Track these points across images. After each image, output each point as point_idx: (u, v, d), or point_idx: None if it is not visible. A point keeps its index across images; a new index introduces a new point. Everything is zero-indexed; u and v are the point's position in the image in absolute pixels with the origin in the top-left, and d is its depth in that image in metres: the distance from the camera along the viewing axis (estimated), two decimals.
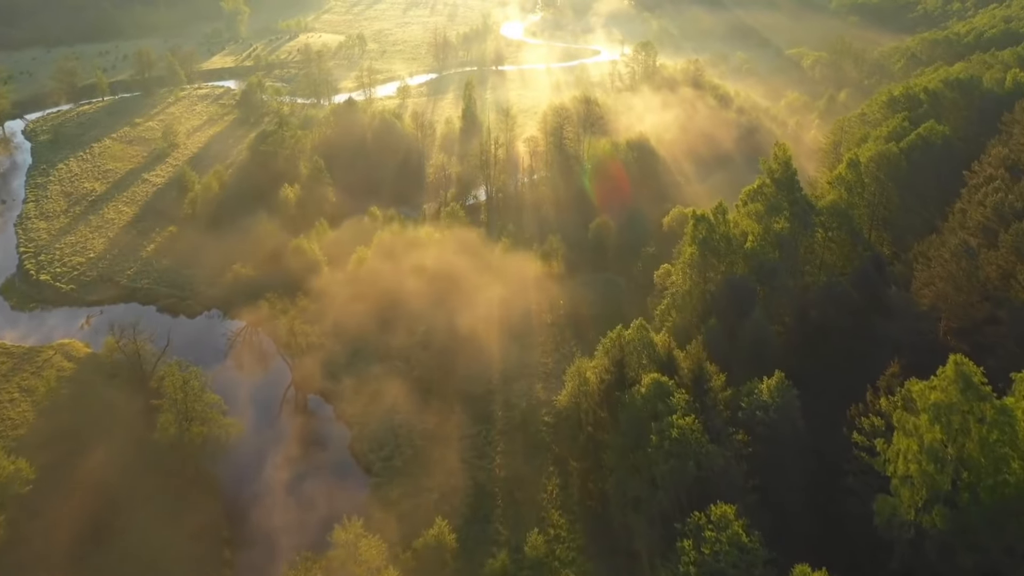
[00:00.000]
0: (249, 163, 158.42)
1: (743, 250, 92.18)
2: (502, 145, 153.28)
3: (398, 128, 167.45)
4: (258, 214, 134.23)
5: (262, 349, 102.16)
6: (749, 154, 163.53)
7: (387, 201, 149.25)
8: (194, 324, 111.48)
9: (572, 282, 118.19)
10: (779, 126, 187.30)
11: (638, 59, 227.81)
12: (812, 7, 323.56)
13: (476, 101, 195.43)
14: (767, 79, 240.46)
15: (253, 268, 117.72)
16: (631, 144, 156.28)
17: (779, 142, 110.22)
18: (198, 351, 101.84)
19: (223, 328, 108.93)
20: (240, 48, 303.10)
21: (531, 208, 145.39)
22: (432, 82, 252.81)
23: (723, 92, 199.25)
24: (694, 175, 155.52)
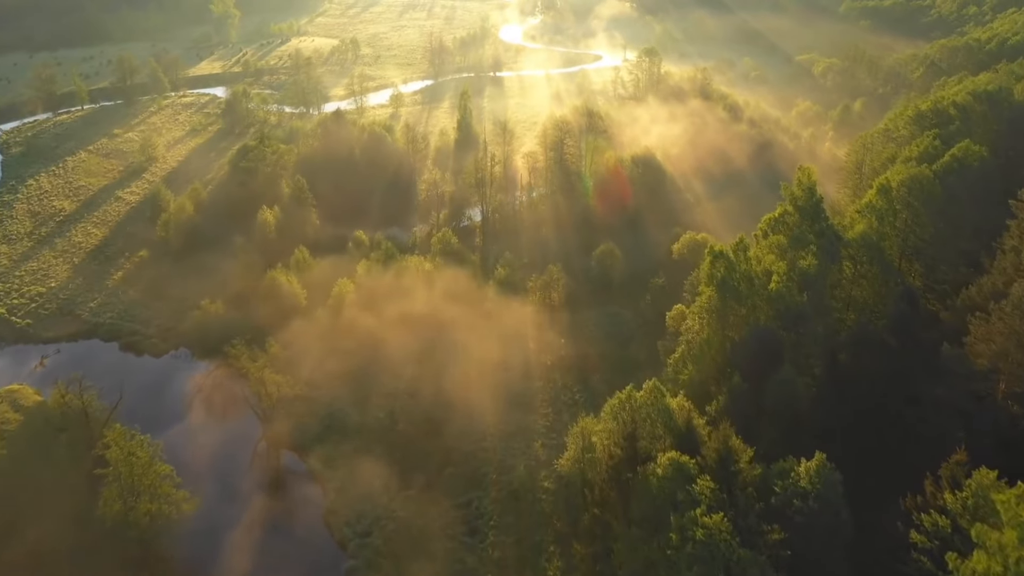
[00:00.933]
0: (228, 181, 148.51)
1: (766, 292, 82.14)
2: (499, 162, 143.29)
3: (388, 143, 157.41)
4: (236, 239, 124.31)
5: (231, 398, 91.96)
6: (763, 171, 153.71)
7: (375, 222, 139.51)
8: (158, 365, 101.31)
9: (574, 317, 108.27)
10: (791, 138, 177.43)
11: (642, 66, 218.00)
12: (821, 11, 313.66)
13: (472, 111, 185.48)
14: (776, 87, 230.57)
15: (226, 302, 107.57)
16: (636, 160, 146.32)
17: (803, 166, 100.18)
18: (159, 399, 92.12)
19: (189, 371, 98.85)
20: (229, 53, 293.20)
21: (530, 229, 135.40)
22: (427, 89, 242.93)
23: (732, 102, 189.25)
24: (704, 194, 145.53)
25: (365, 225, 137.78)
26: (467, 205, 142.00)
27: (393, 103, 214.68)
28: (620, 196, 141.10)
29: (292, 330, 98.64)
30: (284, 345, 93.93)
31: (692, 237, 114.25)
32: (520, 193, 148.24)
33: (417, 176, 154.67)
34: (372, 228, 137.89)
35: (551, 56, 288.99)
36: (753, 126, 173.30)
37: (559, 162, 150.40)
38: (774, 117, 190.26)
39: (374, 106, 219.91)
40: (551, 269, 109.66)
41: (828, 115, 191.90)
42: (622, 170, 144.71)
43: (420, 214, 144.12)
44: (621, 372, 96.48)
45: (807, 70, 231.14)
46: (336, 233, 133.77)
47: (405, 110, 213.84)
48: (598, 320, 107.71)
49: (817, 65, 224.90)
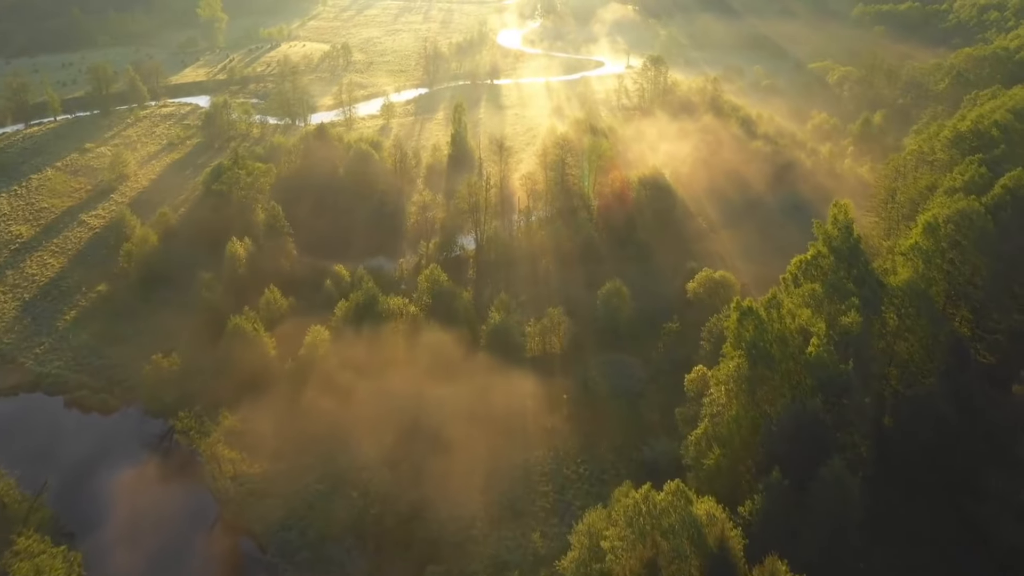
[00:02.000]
0: (199, 205, 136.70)
1: (804, 357, 70.16)
2: (494, 185, 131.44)
3: (375, 162, 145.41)
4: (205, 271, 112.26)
5: (183, 473, 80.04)
6: (783, 196, 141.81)
7: (360, 251, 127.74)
8: (105, 427, 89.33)
9: (578, 367, 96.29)
10: (808, 155, 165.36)
11: (647, 75, 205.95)
12: (832, 15, 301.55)
13: (467, 125, 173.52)
14: (789, 97, 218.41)
15: (184, 352, 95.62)
16: (644, 181, 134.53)
17: (837, 202, 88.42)
18: (99, 474, 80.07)
19: (140, 435, 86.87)
20: (216, 59, 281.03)
21: (528, 260, 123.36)
22: (421, 99, 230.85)
23: (745, 115, 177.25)
24: (720, 221, 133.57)
25: (348, 254, 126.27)
26: (460, 231, 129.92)
27: (384, 114, 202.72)
28: (626, 220, 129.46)
29: (257, 387, 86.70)
30: (248, 408, 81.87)
31: (709, 275, 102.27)
32: (518, 217, 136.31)
33: (406, 198, 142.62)
34: (356, 258, 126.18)
35: (551, 62, 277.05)
36: (768, 142, 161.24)
37: (560, 183, 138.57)
38: (789, 131, 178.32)
39: (364, 117, 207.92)
40: (551, 313, 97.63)
41: (847, 129, 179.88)
42: (628, 192, 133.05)
43: (409, 241, 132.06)
44: (632, 436, 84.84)
45: (820, 79, 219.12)
46: (315, 264, 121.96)
47: (396, 122, 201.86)
48: (605, 370, 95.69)
49: (832, 74, 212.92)
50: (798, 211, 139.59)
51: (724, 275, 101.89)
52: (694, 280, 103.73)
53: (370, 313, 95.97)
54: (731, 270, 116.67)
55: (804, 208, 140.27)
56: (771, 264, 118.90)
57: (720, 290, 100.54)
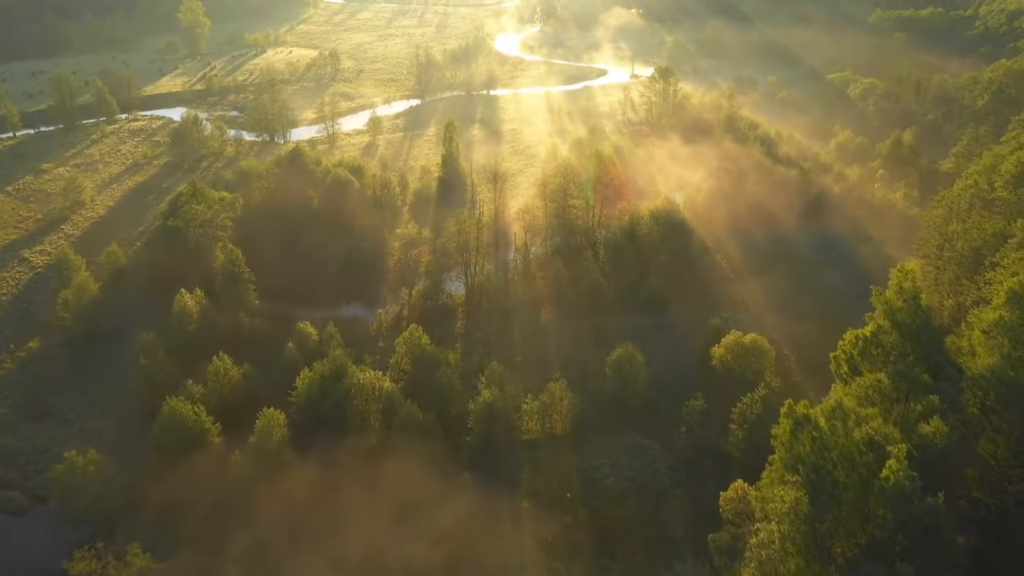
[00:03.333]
0: (154, 242, 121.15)
1: (878, 483, 54.58)
2: (486, 224, 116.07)
3: (355, 191, 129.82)
4: (149, 329, 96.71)
5: None
6: (815, 232, 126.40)
7: (334, 297, 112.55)
8: (12, 532, 73.66)
9: (584, 453, 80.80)
10: (835, 179, 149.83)
11: (655, 88, 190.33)
12: (847, 21, 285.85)
13: (459, 145, 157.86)
14: (808, 110, 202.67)
15: (113, 436, 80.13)
16: (657, 216, 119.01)
17: (901, 267, 72.64)
18: None
19: (53, 549, 71.21)
20: (197, 66, 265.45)
21: (525, 310, 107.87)
22: (412, 111, 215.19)
23: (763, 134, 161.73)
24: (744, 264, 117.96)
25: (321, 300, 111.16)
26: (448, 272, 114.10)
27: (370, 130, 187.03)
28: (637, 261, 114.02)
29: (195, 490, 71.10)
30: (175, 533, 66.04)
31: (737, 340, 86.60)
32: (514, 256, 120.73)
33: (390, 231, 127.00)
34: (329, 304, 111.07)
35: (551, 70, 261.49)
36: (791, 166, 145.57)
37: (561, 216, 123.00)
38: (812, 152, 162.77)
39: (349, 133, 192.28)
40: (552, 389, 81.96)
41: (875, 149, 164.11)
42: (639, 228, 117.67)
43: (390, 284, 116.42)
44: (652, 555, 69.21)
45: (841, 91, 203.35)
46: (281, 314, 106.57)
47: (384, 139, 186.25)
48: (617, 458, 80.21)
49: (855, 87, 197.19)
50: (831, 249, 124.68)
51: (755, 340, 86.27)
52: (720, 344, 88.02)
53: (336, 391, 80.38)
54: (760, 325, 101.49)
55: (838, 245, 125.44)
56: (807, 317, 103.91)
57: (751, 358, 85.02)
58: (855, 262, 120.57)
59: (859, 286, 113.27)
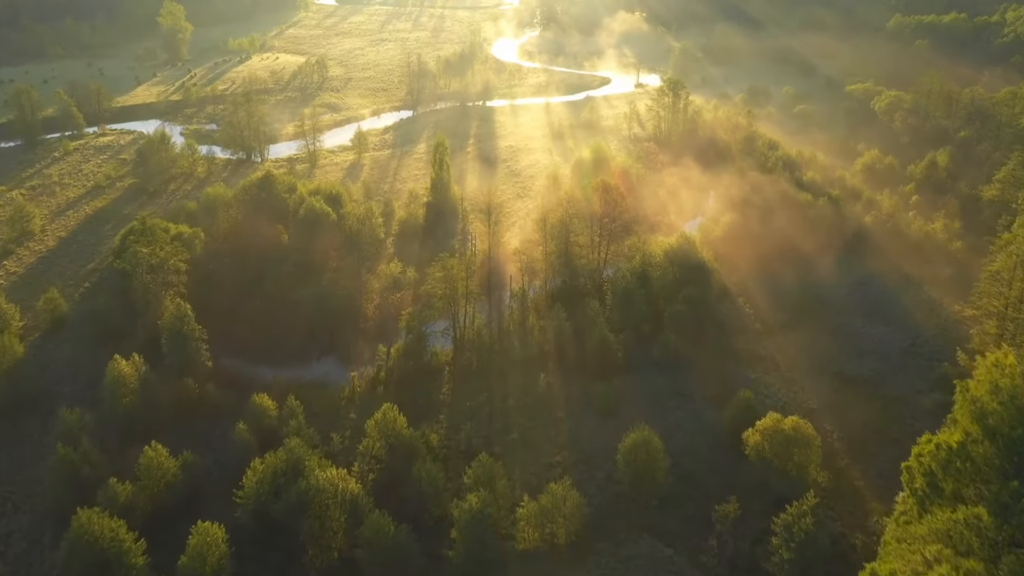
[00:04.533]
0: (99, 289, 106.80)
1: None
2: (479, 265, 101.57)
3: (331, 224, 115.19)
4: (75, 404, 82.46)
5: None
6: (853, 275, 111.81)
7: (303, 351, 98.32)
8: None
9: (592, 565, 66.31)
10: (865, 207, 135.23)
11: (664, 101, 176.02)
12: (863, 26, 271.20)
13: (450, 167, 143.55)
14: (827, 124, 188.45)
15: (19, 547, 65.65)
16: (672, 256, 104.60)
17: (994, 358, 58.03)
18: None
19: None
20: (177, 74, 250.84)
21: (521, 369, 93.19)
22: (402, 125, 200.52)
23: (785, 155, 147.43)
24: (772, 313, 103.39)
25: (287, 357, 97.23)
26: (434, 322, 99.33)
27: (356, 147, 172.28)
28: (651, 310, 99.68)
29: None
30: None
31: (776, 424, 72.09)
32: (510, 302, 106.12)
33: (370, 270, 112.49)
34: (296, 362, 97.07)
35: (551, 79, 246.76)
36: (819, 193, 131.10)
37: (563, 255, 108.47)
38: (838, 176, 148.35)
39: (333, 149, 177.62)
40: (553, 490, 67.33)
41: (907, 172, 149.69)
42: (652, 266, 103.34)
43: (368, 336, 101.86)
44: None
45: (864, 104, 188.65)
46: (239, 377, 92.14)
47: (370, 157, 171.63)
48: (632, 575, 65.69)
49: (879, 99, 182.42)
50: (868, 292, 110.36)
51: (797, 425, 71.73)
52: (755, 428, 73.46)
53: (291, 492, 65.89)
54: (795, 392, 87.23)
55: (875, 288, 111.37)
56: (850, 381, 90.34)
57: (793, 449, 70.53)
58: (897, 309, 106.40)
59: (904, 338, 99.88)
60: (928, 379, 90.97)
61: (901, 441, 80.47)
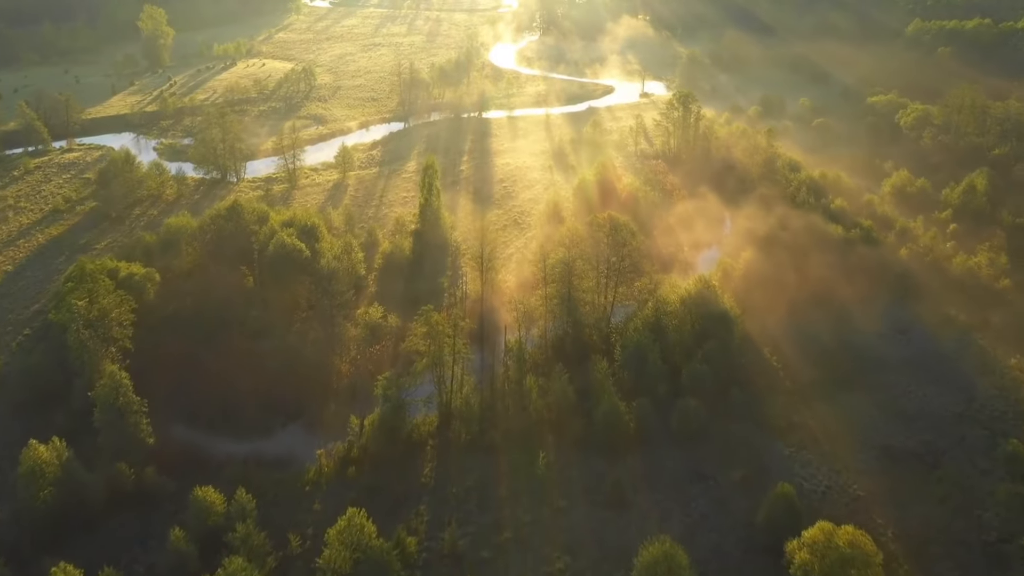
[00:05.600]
0: (33, 343, 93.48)
1: None
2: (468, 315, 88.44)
3: (303, 262, 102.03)
4: None
5: None
6: (897, 324, 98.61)
7: (263, 420, 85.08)
8: None
9: None
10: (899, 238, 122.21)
11: (673, 115, 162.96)
12: (880, 31, 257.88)
13: (440, 191, 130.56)
14: (849, 139, 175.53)
15: None
16: (689, 304, 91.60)
17: None
18: None
19: None
20: (157, 82, 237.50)
21: (517, 445, 80.00)
22: (392, 139, 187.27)
23: (808, 178, 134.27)
24: (803, 371, 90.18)
25: (246, 424, 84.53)
26: (417, 382, 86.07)
27: (340, 165, 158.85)
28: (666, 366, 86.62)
29: None
30: None
31: (829, 537, 58.90)
32: (505, 357, 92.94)
33: (347, 315, 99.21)
34: (257, 431, 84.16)
35: (551, 88, 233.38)
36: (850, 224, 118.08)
37: (565, 301, 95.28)
38: (866, 201, 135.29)
39: (316, 167, 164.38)
40: None
41: (942, 196, 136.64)
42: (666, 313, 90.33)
43: (341, 397, 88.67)
44: None
45: (887, 118, 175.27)
46: (188, 452, 79.13)
47: (355, 176, 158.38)
48: None
49: (904, 114, 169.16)
50: (910, 342, 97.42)
51: (853, 538, 58.55)
52: (801, 542, 60.23)
53: None
54: (841, 472, 74.22)
55: (918, 337, 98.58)
56: (901, 460, 78.11)
57: (850, 570, 57.39)
58: (945, 363, 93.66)
59: (958, 400, 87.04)
60: (991, 455, 78.16)
61: (969, 543, 67.92)
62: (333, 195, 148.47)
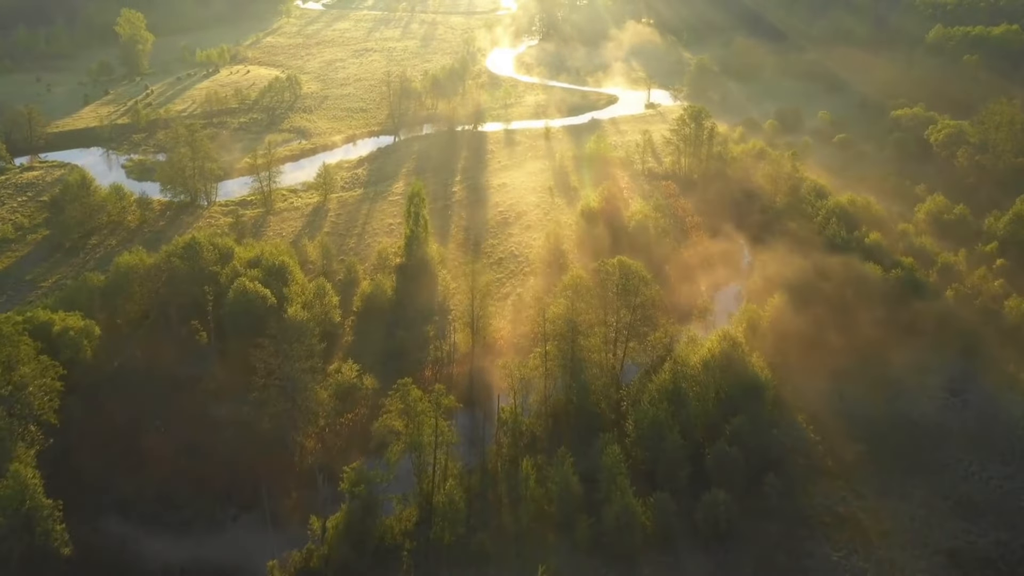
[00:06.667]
0: None
1: None
2: (449, 398, 75.01)
3: (267, 311, 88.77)
4: None
5: None
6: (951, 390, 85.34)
7: (210, 510, 71.86)
8: None
9: None
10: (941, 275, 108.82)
11: (684, 132, 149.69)
12: (898, 37, 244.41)
13: (428, 221, 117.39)
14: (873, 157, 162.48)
15: None
16: (712, 367, 78.53)
17: None
18: None
19: None
20: (134, 90, 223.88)
21: (512, 546, 66.81)
22: (380, 156, 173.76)
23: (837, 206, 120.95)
24: (845, 443, 76.93)
25: (192, 515, 70.66)
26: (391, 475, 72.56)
27: (320, 186, 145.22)
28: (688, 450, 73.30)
29: None
30: None
31: None
32: (496, 434, 79.60)
33: (317, 375, 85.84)
34: (203, 527, 70.72)
35: (551, 97, 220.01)
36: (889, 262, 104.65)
37: (568, 362, 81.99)
38: (899, 228, 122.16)
39: (294, 188, 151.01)
40: None
41: (984, 225, 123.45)
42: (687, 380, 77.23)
43: (305, 482, 75.29)
44: None
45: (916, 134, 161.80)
46: (118, 554, 66.01)
47: (337, 199, 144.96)
48: None
49: (935, 130, 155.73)
50: (971, 410, 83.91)
51: None
52: None
53: None
54: None
55: (980, 402, 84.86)
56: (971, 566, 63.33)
57: None
58: (1012, 433, 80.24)
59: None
60: None
61: None
62: (312, 221, 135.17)
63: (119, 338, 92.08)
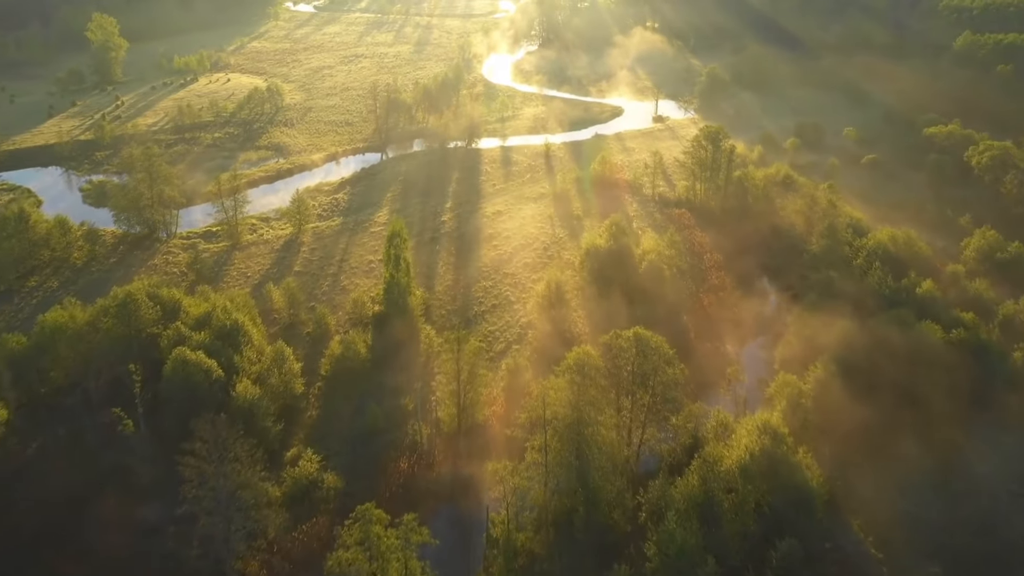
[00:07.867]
0: None
1: None
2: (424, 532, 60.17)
3: (208, 389, 73.73)
4: None
5: None
6: None
7: None
8: None
9: None
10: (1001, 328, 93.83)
11: (700, 155, 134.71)
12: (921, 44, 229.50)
13: (409, 264, 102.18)
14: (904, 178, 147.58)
15: None
16: (750, 473, 63.82)
17: None
18: None
19: None
20: (103, 101, 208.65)
21: None
22: (364, 178, 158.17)
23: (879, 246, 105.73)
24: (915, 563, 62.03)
25: None
26: None
27: (294, 217, 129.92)
28: None
29: None
30: None
31: None
32: (486, 560, 64.55)
33: (269, 467, 70.91)
34: None
35: (551, 109, 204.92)
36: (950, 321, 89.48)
37: (573, 458, 66.91)
38: (949, 270, 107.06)
39: (266, 216, 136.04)
40: None
41: None
42: None
43: None
44: None
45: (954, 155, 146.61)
46: None
47: (313, 230, 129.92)
48: None
49: (976, 151, 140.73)
50: None
51: None
52: None
53: None
54: None
55: None
56: None
57: None
58: None
59: None
60: None
61: None
62: (282, 258, 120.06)
63: (38, 418, 77.20)
